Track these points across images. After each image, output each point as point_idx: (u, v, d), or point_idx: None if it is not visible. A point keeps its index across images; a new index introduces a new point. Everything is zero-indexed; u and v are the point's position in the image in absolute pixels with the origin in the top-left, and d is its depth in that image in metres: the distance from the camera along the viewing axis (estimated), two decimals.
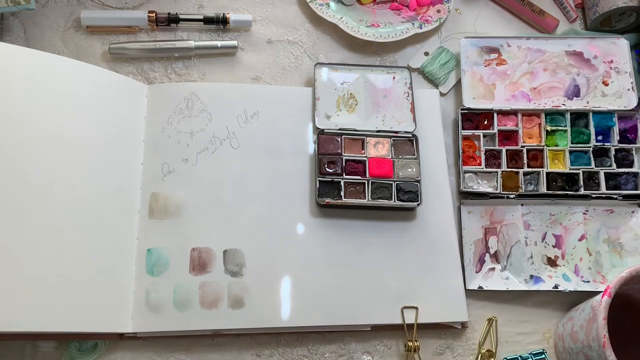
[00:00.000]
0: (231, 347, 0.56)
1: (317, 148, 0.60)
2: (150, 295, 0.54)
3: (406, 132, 0.62)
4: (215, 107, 0.62)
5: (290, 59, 0.67)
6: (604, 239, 0.61)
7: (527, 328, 0.58)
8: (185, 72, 0.66)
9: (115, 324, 0.53)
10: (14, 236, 0.50)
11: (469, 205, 0.62)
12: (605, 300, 0.49)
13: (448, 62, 0.68)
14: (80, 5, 0.67)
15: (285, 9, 0.70)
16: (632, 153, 0.63)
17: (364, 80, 0.65)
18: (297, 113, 0.63)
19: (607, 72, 0.65)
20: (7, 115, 0.52)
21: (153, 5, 0.68)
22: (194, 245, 0.56)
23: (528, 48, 0.66)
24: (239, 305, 0.55)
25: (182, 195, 0.58)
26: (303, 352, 0.56)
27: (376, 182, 0.60)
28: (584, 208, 0.62)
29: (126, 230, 0.56)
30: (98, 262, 0.53)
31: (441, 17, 0.68)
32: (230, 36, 0.68)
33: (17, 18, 0.66)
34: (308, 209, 0.59)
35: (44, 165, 0.53)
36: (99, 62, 0.65)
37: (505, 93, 0.65)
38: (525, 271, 0.59)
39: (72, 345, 0.54)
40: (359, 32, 0.66)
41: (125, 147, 0.59)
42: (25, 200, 0.51)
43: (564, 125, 0.64)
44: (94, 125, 0.57)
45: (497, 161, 0.63)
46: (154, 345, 0.55)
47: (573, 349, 0.54)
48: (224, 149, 0.60)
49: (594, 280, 0.59)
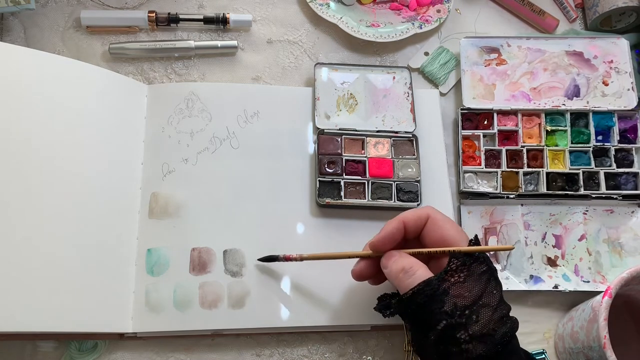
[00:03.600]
0: (231, 347, 0.56)
1: (317, 148, 0.60)
2: (150, 295, 0.54)
3: (406, 132, 0.62)
4: (215, 107, 0.62)
5: (290, 59, 0.67)
6: (604, 239, 0.61)
7: (527, 328, 0.58)
8: (185, 72, 0.66)
9: (115, 324, 0.53)
10: (13, 236, 0.50)
11: (469, 205, 0.62)
12: (606, 300, 0.49)
13: (448, 62, 0.68)
14: (80, 5, 0.67)
15: (285, 9, 0.70)
16: (632, 153, 0.63)
17: (364, 80, 0.65)
18: (297, 113, 0.63)
19: (607, 72, 0.65)
20: (7, 115, 0.52)
21: (153, 5, 0.68)
22: (194, 245, 0.56)
23: (528, 48, 0.66)
24: (239, 305, 0.55)
25: (182, 195, 0.58)
26: (303, 352, 0.56)
27: (376, 182, 0.60)
28: (584, 208, 0.62)
29: (126, 230, 0.56)
30: (98, 262, 0.53)
31: (441, 17, 0.68)
32: (230, 36, 0.68)
33: (17, 18, 0.66)
34: (308, 209, 0.59)
35: (44, 165, 0.53)
36: (99, 62, 0.65)
37: (505, 93, 0.65)
38: (525, 271, 0.59)
39: (72, 345, 0.54)
40: (359, 32, 0.66)
41: (125, 147, 0.59)
42: (24, 199, 0.51)
43: (564, 125, 0.64)
44: (93, 125, 0.57)
45: (497, 161, 0.63)
46: (154, 345, 0.55)
47: (573, 349, 0.54)
48: (224, 149, 0.60)
49: (593, 280, 0.59)
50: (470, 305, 0.43)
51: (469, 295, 0.44)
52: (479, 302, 0.43)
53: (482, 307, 0.43)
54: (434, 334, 0.43)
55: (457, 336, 0.42)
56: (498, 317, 0.43)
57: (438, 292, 0.44)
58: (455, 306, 0.43)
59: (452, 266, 0.45)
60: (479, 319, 0.43)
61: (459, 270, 0.45)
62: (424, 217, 0.48)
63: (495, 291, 0.45)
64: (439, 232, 0.48)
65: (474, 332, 0.42)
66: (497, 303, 0.44)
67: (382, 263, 0.48)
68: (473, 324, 0.43)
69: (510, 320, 0.44)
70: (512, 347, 0.44)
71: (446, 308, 0.43)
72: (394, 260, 0.47)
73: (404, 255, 0.47)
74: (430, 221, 0.48)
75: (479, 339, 0.42)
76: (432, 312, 0.43)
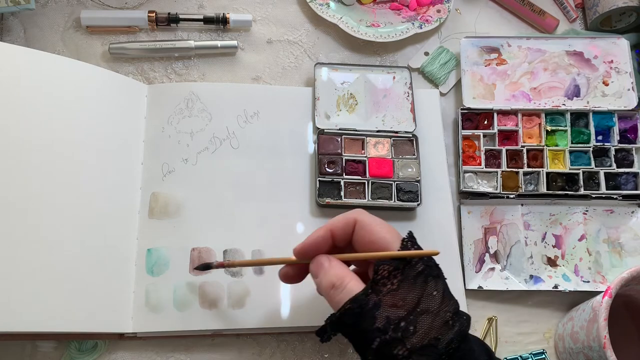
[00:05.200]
0: (231, 347, 0.56)
1: (317, 148, 0.60)
2: (150, 295, 0.54)
3: (406, 132, 0.62)
4: (215, 107, 0.62)
5: (290, 59, 0.67)
6: (603, 239, 0.61)
7: (527, 328, 0.58)
8: (185, 72, 0.66)
9: (115, 324, 0.53)
10: (13, 236, 0.50)
11: (468, 205, 0.62)
12: (606, 300, 0.49)
13: (448, 62, 0.68)
14: (80, 5, 0.67)
15: (285, 9, 0.70)
16: (632, 153, 0.63)
17: (364, 80, 0.65)
18: (297, 113, 0.63)
19: (607, 72, 0.65)
20: (7, 115, 0.52)
21: (153, 5, 0.68)
22: (194, 245, 0.56)
23: (528, 48, 0.66)
24: (239, 305, 0.55)
25: (182, 195, 0.58)
26: (303, 352, 0.56)
27: (376, 182, 0.60)
28: (584, 208, 0.62)
29: (126, 230, 0.56)
30: (98, 262, 0.53)
31: (441, 17, 0.68)
32: (230, 36, 0.68)
33: (17, 18, 0.66)
34: (308, 209, 0.59)
35: (44, 165, 0.53)
36: (99, 62, 0.65)
37: (505, 93, 0.65)
38: (525, 271, 0.59)
39: (71, 345, 0.54)
40: (359, 32, 0.66)
41: (125, 147, 0.59)
42: (24, 200, 0.51)
43: (564, 125, 0.64)
44: (93, 125, 0.57)
45: (497, 161, 0.63)
46: (154, 345, 0.55)
47: (573, 349, 0.54)
48: (224, 149, 0.60)
49: (593, 280, 0.59)
50: (405, 316, 0.39)
51: (403, 304, 0.39)
52: (416, 309, 0.39)
53: (420, 314, 0.39)
54: (371, 354, 0.39)
55: (395, 353, 0.38)
56: (441, 323, 0.39)
57: (367, 308, 0.39)
58: (388, 320, 0.39)
59: (382, 274, 0.40)
60: (417, 330, 0.38)
61: (392, 276, 0.40)
62: (351, 222, 0.44)
63: (436, 292, 0.40)
64: (367, 237, 0.43)
65: (413, 345, 0.38)
66: (438, 306, 0.39)
67: (311, 271, 0.45)
68: (410, 336, 0.38)
69: (459, 322, 0.40)
70: (463, 352, 0.39)
71: (378, 324, 0.39)
72: (324, 273, 0.43)
73: (333, 265, 0.43)
74: (359, 225, 0.44)
75: (420, 352, 0.38)
76: (363, 331, 0.39)
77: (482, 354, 0.41)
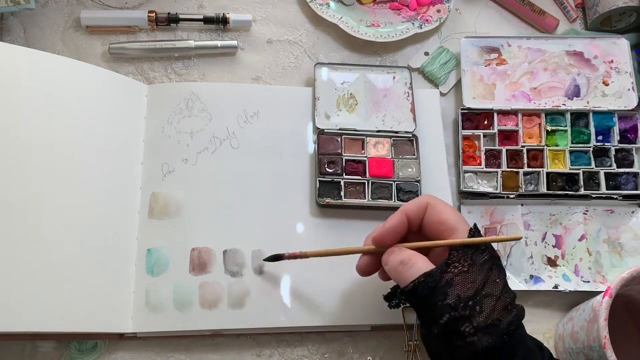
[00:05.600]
0: (231, 347, 0.56)
1: (317, 148, 0.60)
2: (150, 295, 0.54)
3: (406, 132, 0.62)
4: (215, 107, 0.62)
5: (290, 59, 0.67)
6: (604, 239, 0.61)
7: (527, 328, 0.57)
8: (185, 72, 0.66)
9: (115, 324, 0.53)
10: (13, 236, 0.50)
11: (469, 205, 0.62)
12: (606, 301, 0.49)
13: (448, 62, 0.68)
14: (80, 5, 0.67)
15: (285, 9, 0.70)
16: (632, 153, 0.63)
17: (364, 80, 0.65)
18: (297, 113, 0.63)
19: (608, 72, 0.65)
20: (7, 115, 0.52)
21: (153, 5, 0.68)
22: (194, 245, 0.56)
23: (528, 48, 0.66)
24: (239, 305, 0.55)
25: (182, 195, 0.58)
26: (303, 352, 0.56)
27: (376, 182, 0.60)
28: (584, 208, 0.62)
29: (126, 230, 0.56)
30: (98, 262, 0.53)
31: (441, 17, 0.68)
32: (230, 36, 0.68)
33: (17, 18, 0.66)
34: (308, 209, 0.59)
35: (44, 165, 0.53)
36: (99, 62, 0.65)
37: (505, 93, 0.65)
38: (525, 271, 0.59)
39: (71, 345, 0.54)
40: (359, 32, 0.66)
41: (125, 147, 0.59)
42: (24, 200, 0.51)
43: (564, 125, 0.64)
44: (93, 125, 0.57)
45: (497, 161, 0.63)
46: (154, 345, 0.55)
47: (573, 349, 0.54)
48: (224, 149, 0.60)
49: (594, 281, 0.59)
50: (473, 296, 0.42)
51: (472, 285, 0.42)
52: (482, 292, 0.42)
53: (485, 297, 0.42)
54: (438, 327, 0.42)
55: (462, 329, 0.41)
56: (502, 306, 0.42)
57: (440, 284, 0.42)
58: (459, 298, 0.42)
59: (454, 257, 0.44)
60: (483, 310, 0.41)
61: (462, 260, 0.44)
62: (423, 205, 0.48)
63: (499, 279, 0.43)
64: (436, 217, 0.47)
65: (479, 323, 0.41)
66: (500, 291, 0.43)
67: (383, 259, 0.47)
68: (477, 315, 0.41)
69: (516, 309, 0.43)
70: (519, 336, 0.43)
71: (449, 300, 0.42)
72: (394, 255, 0.46)
73: (402, 249, 0.46)
74: (430, 207, 0.48)
75: (484, 331, 0.41)
76: (434, 305, 0.42)
77: (533, 344, 0.45)
